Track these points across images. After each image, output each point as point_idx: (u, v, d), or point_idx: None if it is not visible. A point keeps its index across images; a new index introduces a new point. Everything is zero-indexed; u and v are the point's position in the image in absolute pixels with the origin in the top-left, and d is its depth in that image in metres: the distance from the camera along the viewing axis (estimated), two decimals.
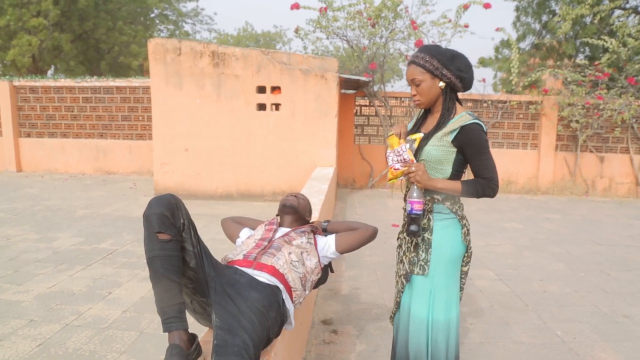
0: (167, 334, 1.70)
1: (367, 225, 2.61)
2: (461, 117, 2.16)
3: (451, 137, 2.15)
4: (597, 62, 10.18)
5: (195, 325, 2.12)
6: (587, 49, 12.29)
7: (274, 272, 2.10)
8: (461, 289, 2.41)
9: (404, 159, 2.13)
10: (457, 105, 2.24)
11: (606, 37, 10.03)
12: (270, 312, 1.92)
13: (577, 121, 9.89)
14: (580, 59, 11.00)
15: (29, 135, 11.67)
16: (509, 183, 10.37)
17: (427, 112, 2.32)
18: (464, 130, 2.13)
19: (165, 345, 1.69)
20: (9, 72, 17.60)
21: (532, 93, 10.37)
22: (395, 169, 2.15)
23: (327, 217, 5.22)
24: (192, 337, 1.73)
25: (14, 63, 16.34)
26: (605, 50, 10.20)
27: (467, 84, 2.20)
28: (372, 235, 2.59)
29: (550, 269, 5.11)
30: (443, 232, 2.25)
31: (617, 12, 11.68)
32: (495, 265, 5.19)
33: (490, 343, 3.35)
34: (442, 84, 2.17)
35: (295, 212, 2.59)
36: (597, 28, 11.21)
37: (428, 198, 2.26)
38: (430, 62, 2.14)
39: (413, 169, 2.09)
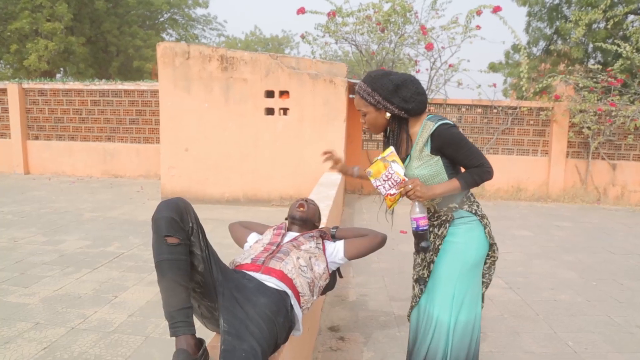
0: (174, 338, 1.67)
1: (377, 232, 2.58)
2: (425, 126, 2.15)
3: (427, 149, 2.14)
4: (609, 68, 10.08)
5: (202, 330, 2.08)
6: (599, 54, 12.18)
7: (282, 277, 2.07)
8: (488, 283, 2.40)
9: (396, 182, 2.08)
10: (418, 117, 2.20)
11: (620, 42, 9.93)
12: (278, 318, 1.89)
13: (588, 128, 9.79)
14: (593, 64, 10.90)
15: (37, 138, 11.73)
16: (519, 190, 10.27)
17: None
18: (434, 137, 2.11)
19: (171, 350, 1.66)
20: (18, 74, 17.72)
21: (543, 99, 10.29)
22: (391, 195, 2.10)
23: (335, 223, 5.18)
24: (200, 342, 1.70)
25: (23, 66, 16.46)
26: (619, 55, 10.09)
27: (414, 112, 2.16)
28: (381, 242, 2.55)
29: (561, 277, 5.03)
30: (468, 236, 2.24)
31: (631, 17, 11.57)
32: (506, 273, 5.11)
33: (500, 352, 3.29)
34: (388, 114, 2.17)
35: (305, 219, 2.57)
36: (610, 33, 11.11)
37: (445, 209, 2.25)
38: (372, 96, 2.14)
39: (410, 186, 2.04)
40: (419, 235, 2.11)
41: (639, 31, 9.97)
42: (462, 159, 2.14)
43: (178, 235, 1.71)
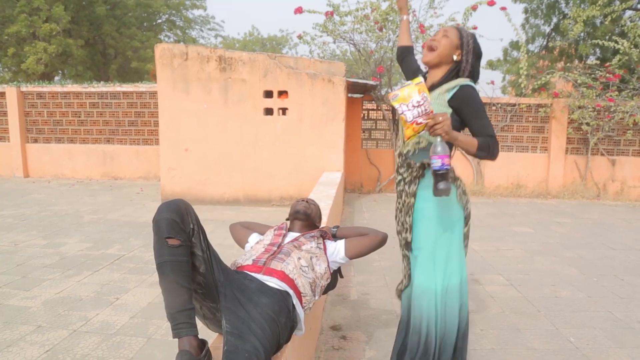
0: (176, 340, 1.68)
1: (377, 231, 2.58)
2: (458, 79, 2.16)
3: (449, 95, 2.11)
4: (608, 64, 10.08)
5: (204, 331, 2.09)
6: (597, 50, 12.19)
7: (283, 277, 2.08)
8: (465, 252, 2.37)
9: (426, 110, 1.92)
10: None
11: (617, 39, 9.94)
12: (280, 318, 1.90)
13: (587, 124, 9.79)
14: (591, 61, 10.91)
15: (36, 141, 11.72)
16: (519, 187, 10.28)
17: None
18: (462, 89, 2.10)
19: (173, 352, 1.67)
20: (17, 78, 17.73)
21: (542, 96, 10.29)
22: (417, 124, 1.92)
23: (335, 222, 5.18)
24: (202, 343, 1.71)
25: (21, 69, 16.46)
26: (617, 51, 10.10)
27: (466, 75, 2.20)
28: (382, 241, 2.55)
29: (562, 273, 5.04)
30: (440, 200, 2.17)
31: (629, 12, 11.58)
32: (506, 270, 5.12)
33: (502, 349, 3.29)
34: (456, 57, 2.18)
35: (306, 219, 2.57)
36: (608, 29, 11.11)
37: (418, 164, 2.21)
38: (467, 41, 2.19)
39: (440, 119, 1.90)
40: (441, 175, 1.95)
41: (637, 27, 9.97)
42: (476, 124, 2.10)
43: (179, 236, 1.72)
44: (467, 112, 2.10)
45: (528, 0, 13.40)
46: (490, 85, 10.48)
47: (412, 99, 1.92)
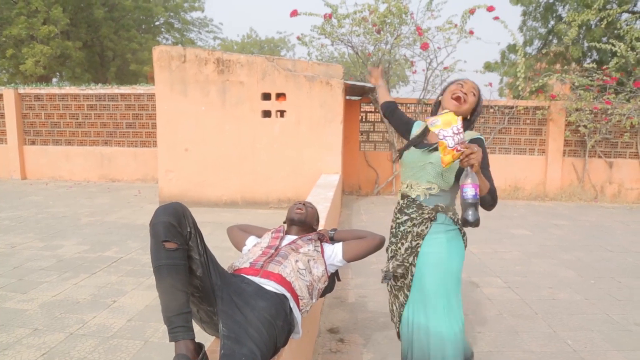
0: (173, 343, 1.68)
1: (375, 234, 2.58)
2: (469, 132, 2.29)
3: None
4: (604, 67, 10.11)
5: (201, 335, 2.08)
6: (594, 53, 12.23)
7: (280, 280, 2.08)
8: None
9: (462, 140, 1.95)
10: None
11: (614, 41, 9.97)
12: (277, 321, 1.90)
13: (585, 126, 9.81)
14: (588, 64, 10.94)
15: (33, 143, 11.70)
16: (517, 189, 10.29)
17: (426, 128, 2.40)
18: (478, 141, 2.22)
19: (170, 355, 1.67)
20: (14, 79, 17.69)
21: (539, 98, 10.31)
22: (457, 151, 1.94)
23: (333, 225, 5.18)
24: (199, 347, 1.71)
25: (19, 70, 16.43)
26: (613, 54, 10.13)
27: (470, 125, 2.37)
28: (380, 244, 2.56)
29: (559, 276, 5.04)
30: (450, 245, 2.29)
31: (625, 15, 11.61)
32: (504, 272, 5.12)
33: (499, 352, 3.29)
34: (470, 116, 2.36)
35: (303, 222, 2.57)
36: (605, 32, 11.14)
37: (432, 206, 2.28)
38: (481, 102, 2.37)
39: (475, 149, 1.94)
40: (474, 205, 1.94)
41: (633, 30, 10.00)
42: (485, 174, 2.15)
43: (176, 240, 1.72)
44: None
45: (526, 3, 13.43)
46: (487, 88, 10.48)
47: (453, 126, 1.96)
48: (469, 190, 1.94)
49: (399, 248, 2.38)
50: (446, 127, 1.97)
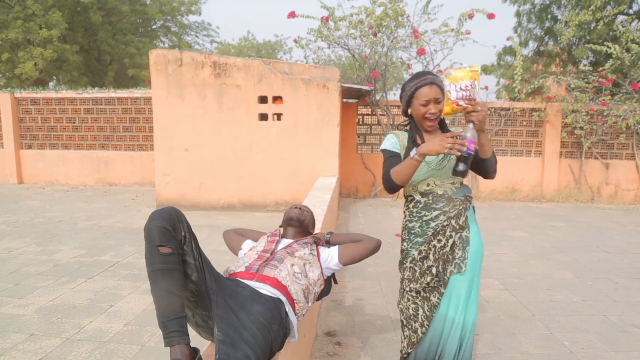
0: (168, 348, 1.67)
1: (371, 237, 2.58)
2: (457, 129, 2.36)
3: None
4: (600, 69, 10.15)
5: (197, 339, 2.08)
6: (590, 54, 12.27)
7: (276, 284, 2.07)
8: None
9: (469, 97, 2.06)
10: None
11: (609, 43, 10.01)
12: (273, 325, 1.89)
13: (581, 128, 9.85)
14: (584, 65, 10.98)
15: (30, 147, 11.68)
16: (514, 191, 10.31)
17: (414, 140, 2.38)
18: None
19: (167, 359, 1.66)
20: (10, 83, 17.66)
21: (536, 100, 10.34)
22: (458, 105, 2.07)
23: (330, 228, 5.18)
24: (194, 351, 1.70)
25: (16, 74, 16.40)
26: (609, 56, 10.17)
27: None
28: (376, 247, 2.55)
29: (556, 277, 5.05)
30: (477, 232, 2.38)
31: (621, 17, 11.66)
32: (501, 274, 5.13)
33: (497, 354, 3.29)
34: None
35: (299, 225, 2.57)
36: (601, 33, 11.18)
37: (462, 197, 2.36)
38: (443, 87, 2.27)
39: (479, 108, 2.06)
40: (465, 158, 2.08)
41: (629, 31, 10.04)
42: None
43: (171, 244, 1.71)
44: None
45: (521, 2, 13.47)
46: (484, 90, 10.50)
47: (461, 82, 2.05)
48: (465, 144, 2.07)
49: (435, 246, 2.34)
50: (456, 81, 2.07)
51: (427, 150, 2.09)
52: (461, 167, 2.09)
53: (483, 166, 2.26)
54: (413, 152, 2.15)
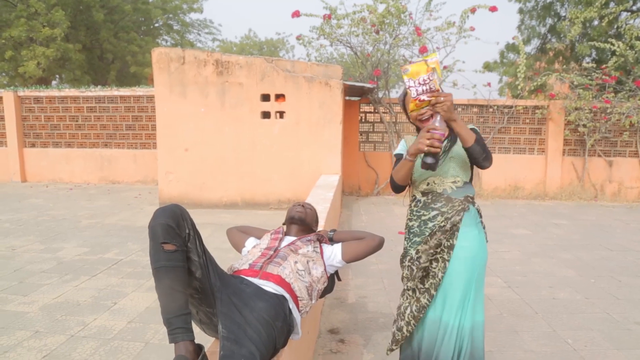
0: (173, 344, 1.68)
1: (374, 235, 2.58)
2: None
3: None
4: (604, 66, 10.12)
5: (201, 336, 2.09)
6: (594, 52, 12.24)
7: (280, 281, 2.08)
8: None
9: (431, 89, 2.04)
10: None
11: (613, 40, 9.98)
12: (276, 322, 1.90)
13: (584, 125, 9.82)
14: (588, 62, 10.94)
15: (33, 146, 11.71)
16: (516, 189, 10.29)
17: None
18: (473, 130, 2.27)
19: (171, 356, 1.67)
20: (14, 82, 17.70)
21: (539, 97, 10.31)
22: (421, 101, 2.05)
23: (333, 225, 5.18)
24: (199, 348, 1.71)
25: (19, 73, 16.43)
26: (612, 53, 10.13)
27: None
28: (379, 245, 2.56)
29: (559, 275, 5.04)
30: (482, 238, 2.34)
31: (624, 14, 11.62)
32: (504, 272, 5.12)
33: (500, 352, 3.29)
34: None
35: (303, 223, 2.57)
36: (605, 31, 11.15)
37: (462, 198, 2.30)
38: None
39: (442, 98, 2.02)
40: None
41: (632, 28, 10.01)
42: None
43: (175, 241, 1.72)
44: None
45: (524, 0, 13.45)
46: (487, 87, 10.48)
47: (420, 77, 2.03)
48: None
49: (430, 246, 2.35)
50: (414, 76, 2.04)
51: (413, 150, 2.11)
52: (429, 159, 2.07)
53: (470, 155, 2.21)
54: (405, 153, 2.18)
